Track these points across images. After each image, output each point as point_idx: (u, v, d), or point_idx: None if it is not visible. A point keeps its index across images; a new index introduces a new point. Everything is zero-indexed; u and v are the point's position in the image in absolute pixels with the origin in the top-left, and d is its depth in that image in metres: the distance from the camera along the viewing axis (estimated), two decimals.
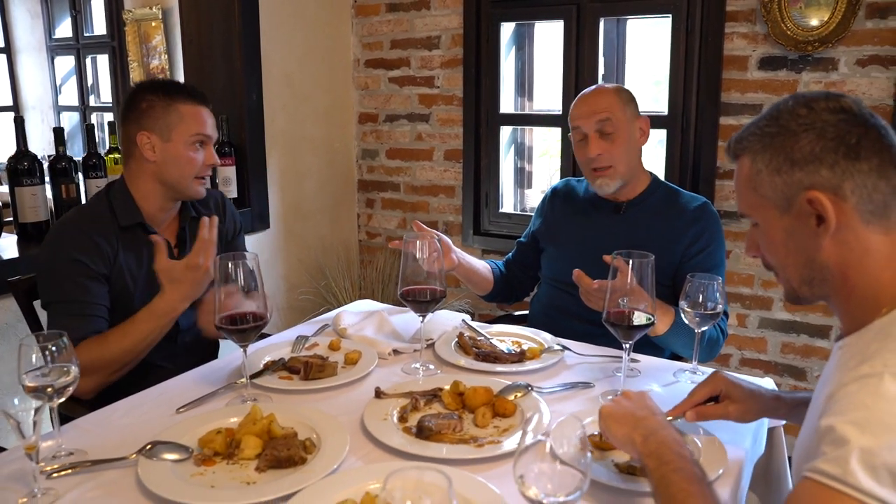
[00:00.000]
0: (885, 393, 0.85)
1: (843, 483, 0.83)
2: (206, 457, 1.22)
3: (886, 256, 0.98)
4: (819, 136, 0.98)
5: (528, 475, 0.92)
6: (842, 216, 0.97)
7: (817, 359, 2.73)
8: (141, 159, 1.75)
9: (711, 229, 1.94)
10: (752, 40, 2.63)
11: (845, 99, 1.00)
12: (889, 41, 2.42)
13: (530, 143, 3.50)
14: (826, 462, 0.85)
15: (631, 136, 1.94)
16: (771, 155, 1.02)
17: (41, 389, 1.18)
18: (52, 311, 1.65)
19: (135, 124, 1.74)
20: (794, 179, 1.00)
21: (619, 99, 1.92)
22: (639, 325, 1.46)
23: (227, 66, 2.83)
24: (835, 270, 1.00)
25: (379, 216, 3.67)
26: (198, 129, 1.76)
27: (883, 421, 0.84)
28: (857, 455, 0.83)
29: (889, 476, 0.82)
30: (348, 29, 3.48)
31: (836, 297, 1.04)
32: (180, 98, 1.74)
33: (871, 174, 0.97)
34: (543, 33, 3.30)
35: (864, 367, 0.90)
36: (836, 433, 0.86)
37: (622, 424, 1.13)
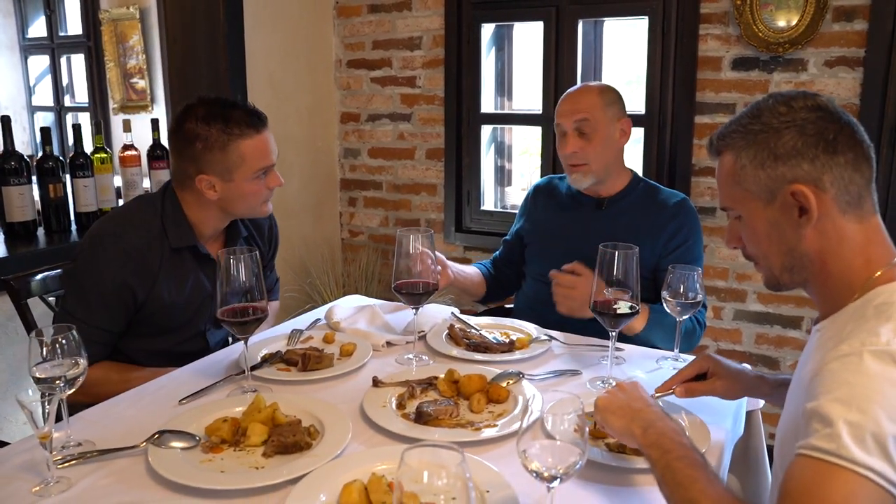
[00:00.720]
0: (865, 370, 0.91)
1: (838, 456, 0.87)
2: (213, 444, 1.26)
3: (859, 244, 1.05)
4: (800, 132, 1.05)
5: (529, 450, 0.98)
6: (822, 207, 1.04)
7: (790, 349, 2.84)
8: (200, 193, 1.69)
9: (690, 224, 2.02)
10: (725, 42, 2.72)
11: (820, 97, 1.08)
12: (855, 43, 2.52)
13: (510, 142, 3.57)
14: (819, 439, 0.90)
15: (609, 136, 2.00)
16: (755, 151, 1.08)
17: (50, 381, 1.22)
18: (69, 321, 1.62)
19: (191, 165, 1.66)
20: (778, 173, 1.07)
21: (601, 100, 1.99)
22: (623, 313, 1.53)
23: (211, 66, 2.85)
24: (814, 258, 1.07)
25: (361, 214, 3.71)
26: (260, 164, 1.69)
27: (866, 396, 0.90)
28: (846, 429, 0.88)
29: (876, 445, 0.87)
30: (330, 30, 3.52)
31: (814, 282, 1.11)
32: (238, 132, 1.64)
33: (847, 167, 1.04)
34: (522, 34, 3.37)
35: (843, 346, 0.96)
36: (824, 411, 0.91)
37: (620, 417, 1.16)
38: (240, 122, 1.66)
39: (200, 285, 1.79)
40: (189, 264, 1.75)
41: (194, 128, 1.65)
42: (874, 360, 0.91)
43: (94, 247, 1.66)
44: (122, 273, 1.64)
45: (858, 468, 0.86)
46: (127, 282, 1.65)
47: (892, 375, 0.90)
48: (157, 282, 1.69)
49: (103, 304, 1.65)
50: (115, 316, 1.67)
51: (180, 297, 1.74)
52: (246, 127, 1.67)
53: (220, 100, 1.71)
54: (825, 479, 0.88)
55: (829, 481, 0.87)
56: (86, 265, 1.66)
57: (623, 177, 2.10)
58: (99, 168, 2.55)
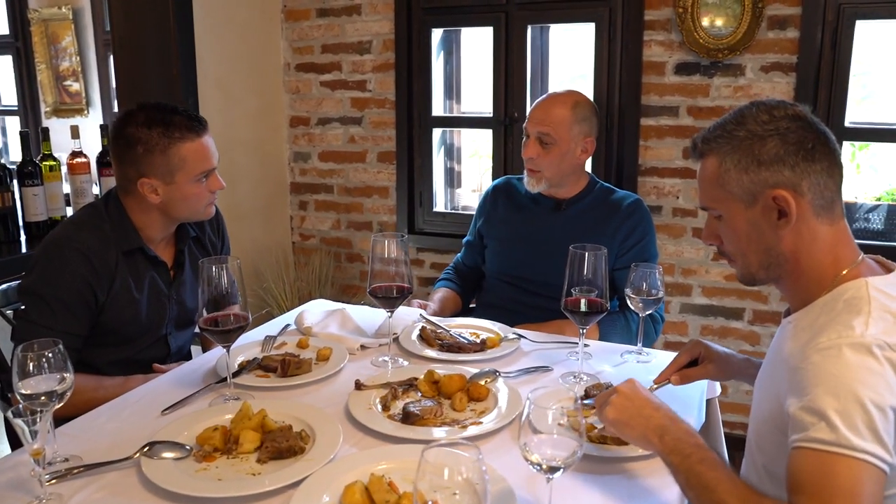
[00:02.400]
0: (846, 362, 1.01)
1: (839, 446, 0.96)
2: (206, 453, 1.26)
3: (830, 244, 1.15)
4: (782, 140, 1.13)
5: (529, 443, 1.03)
6: (800, 210, 1.13)
7: (733, 339, 2.99)
8: (142, 197, 1.70)
9: (644, 224, 2.12)
10: (668, 47, 2.85)
11: (798, 107, 1.17)
12: (788, 50, 2.68)
13: (459, 145, 3.63)
14: (818, 431, 0.98)
15: (569, 151, 2.06)
16: (740, 156, 1.16)
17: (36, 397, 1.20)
18: (30, 330, 1.59)
19: (132, 168, 1.67)
20: (761, 178, 1.14)
21: (571, 116, 2.04)
22: (593, 311, 1.61)
23: (162, 70, 2.81)
24: (789, 257, 1.16)
25: (312, 218, 3.70)
26: (202, 167, 1.71)
27: (851, 386, 0.99)
28: (840, 419, 0.97)
29: (868, 431, 0.96)
30: (278, 33, 3.50)
31: (787, 278, 1.20)
32: (179, 135, 1.66)
33: (822, 174, 1.13)
34: (470, 39, 3.44)
35: (821, 339, 1.05)
36: (816, 405, 1.00)
37: (634, 427, 1.17)
38: (180, 126, 1.68)
39: (156, 285, 1.80)
40: (142, 265, 1.76)
41: (135, 132, 1.66)
42: (852, 351, 1.01)
43: (49, 254, 1.66)
44: (81, 274, 1.64)
45: (858, 454, 0.95)
46: (88, 282, 1.65)
47: (870, 364, 0.99)
48: (115, 280, 1.70)
49: (66, 309, 1.63)
50: (80, 319, 1.66)
51: (140, 295, 1.75)
52: (186, 131, 1.69)
53: (161, 105, 1.73)
54: (831, 468, 0.96)
55: (835, 470, 0.96)
56: (44, 273, 1.64)
57: (581, 181, 2.18)
58: (48, 176, 2.48)
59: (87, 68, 4.74)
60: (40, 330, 1.60)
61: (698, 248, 2.99)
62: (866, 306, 1.07)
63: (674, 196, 2.98)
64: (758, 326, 2.95)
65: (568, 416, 1.05)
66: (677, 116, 2.90)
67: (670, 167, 2.96)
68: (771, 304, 2.92)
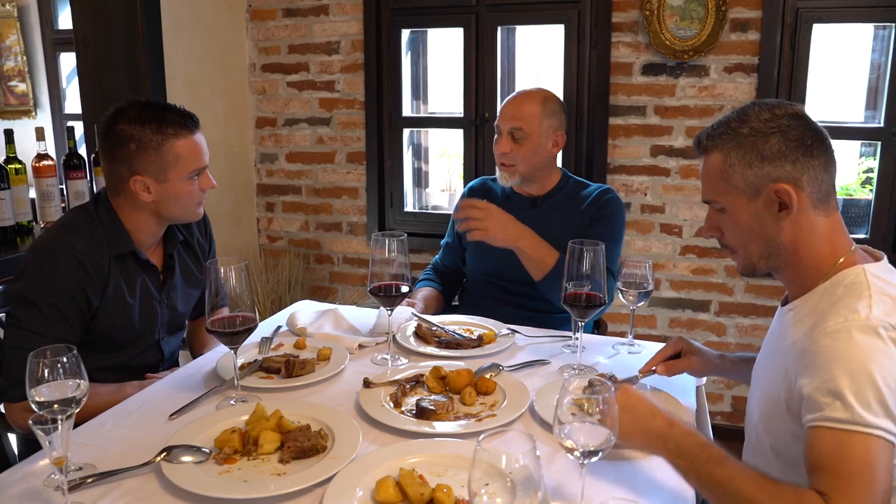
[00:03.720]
0: (856, 343, 1.07)
1: (854, 423, 1.03)
2: (226, 455, 1.25)
3: (826, 234, 1.22)
4: (784, 137, 1.20)
5: (564, 430, 1.06)
6: (800, 203, 1.20)
7: (700, 330, 3.10)
8: (133, 196, 1.66)
9: (611, 205, 2.14)
10: (635, 49, 2.93)
11: (795, 106, 1.23)
12: (750, 51, 2.80)
13: (426, 145, 3.65)
14: (833, 410, 1.05)
15: (541, 145, 2.11)
16: (744, 151, 1.22)
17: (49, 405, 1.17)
18: (23, 337, 1.56)
19: (124, 166, 1.64)
20: (764, 172, 1.21)
21: (541, 111, 2.09)
22: (592, 305, 1.65)
23: (130, 70, 2.74)
24: (789, 247, 1.23)
25: (280, 219, 3.66)
26: (195, 165, 1.68)
27: (862, 366, 1.05)
28: (855, 399, 1.04)
29: (881, 407, 1.03)
30: (243, 33, 3.45)
31: (787, 268, 1.26)
32: (172, 132, 1.63)
33: (819, 169, 1.20)
34: (436, 39, 3.46)
35: (829, 323, 1.11)
36: (831, 385, 1.06)
37: (635, 439, 1.19)
38: (173, 123, 1.65)
39: (148, 290, 1.77)
40: (133, 269, 1.73)
41: (127, 129, 1.63)
42: (861, 333, 1.07)
43: (41, 259, 1.60)
44: (75, 279, 1.60)
45: (871, 430, 1.02)
46: (82, 287, 1.61)
47: (877, 345, 1.06)
48: (109, 285, 1.66)
49: (59, 315, 1.59)
50: (73, 325, 1.62)
51: (133, 300, 1.72)
52: (180, 128, 1.66)
53: (152, 102, 1.71)
54: (847, 444, 1.03)
55: (851, 445, 1.03)
56: (36, 278, 1.59)
57: (553, 176, 2.23)
58: (14, 178, 2.39)
59: (35, 68, 4.56)
60: (33, 337, 1.55)
61: (666, 243, 3.08)
62: (867, 290, 1.14)
63: (642, 193, 3.06)
64: (723, 318, 3.07)
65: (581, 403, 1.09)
66: (644, 116, 2.99)
67: (638, 165, 3.04)
68: (736, 296, 3.04)
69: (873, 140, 2.84)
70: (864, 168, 3.09)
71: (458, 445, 1.29)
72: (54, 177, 2.59)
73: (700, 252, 3.04)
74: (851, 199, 3.05)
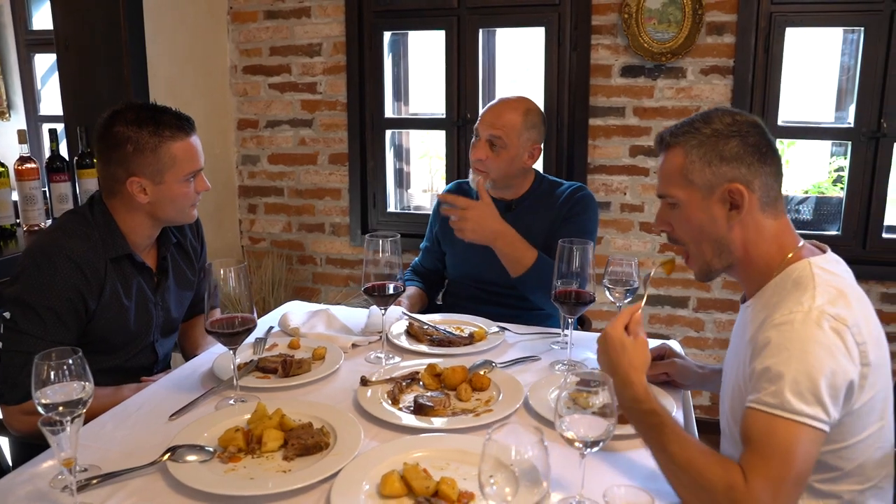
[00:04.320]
0: (799, 335, 1.15)
1: (781, 409, 1.12)
2: (231, 454, 1.27)
3: (774, 234, 1.31)
4: (743, 141, 1.28)
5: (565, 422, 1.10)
6: (750, 204, 1.28)
7: (679, 326, 3.17)
8: (129, 198, 1.67)
9: (584, 202, 2.18)
10: (614, 51, 2.99)
11: (755, 116, 1.32)
12: (725, 54, 2.87)
13: (407, 146, 3.68)
14: (767, 395, 1.14)
15: (517, 155, 2.13)
16: (705, 150, 1.30)
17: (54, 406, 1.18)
18: (20, 340, 1.57)
19: (121, 168, 1.65)
20: (721, 172, 1.29)
21: (522, 122, 2.10)
22: (582, 301, 1.70)
23: (113, 73, 2.73)
24: (738, 245, 1.31)
25: (262, 221, 3.67)
26: (192, 167, 1.69)
27: (801, 357, 1.14)
28: (788, 386, 1.12)
29: (812, 396, 1.12)
30: (224, 35, 3.45)
31: (739, 266, 1.34)
32: (169, 134, 1.65)
33: (770, 175, 1.29)
34: (417, 41, 3.49)
35: (776, 316, 1.19)
36: (771, 372, 1.14)
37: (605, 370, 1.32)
38: (170, 126, 1.67)
39: (143, 292, 1.78)
40: (129, 271, 1.74)
41: (124, 130, 1.64)
42: (802, 325, 1.16)
43: (38, 262, 1.61)
44: (73, 282, 1.61)
45: (797, 416, 1.11)
46: (79, 290, 1.62)
47: (817, 336, 1.15)
48: (105, 288, 1.67)
49: (56, 318, 1.60)
50: (70, 328, 1.63)
51: (129, 303, 1.73)
52: (177, 130, 1.68)
53: (149, 104, 1.72)
54: (773, 428, 1.12)
55: (776, 430, 1.12)
56: (33, 281, 1.59)
57: (527, 181, 2.25)
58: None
59: (8, 70, 4.50)
60: (30, 340, 1.56)
61: (645, 242, 3.15)
62: (811, 282, 1.22)
63: (621, 192, 3.12)
64: (702, 313, 3.14)
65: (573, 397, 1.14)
66: (624, 116, 3.05)
67: (618, 165, 3.10)
68: (713, 292, 3.11)
69: (844, 140, 2.93)
70: (836, 167, 3.19)
71: (458, 440, 1.32)
72: (37, 179, 2.57)
73: (679, 250, 3.09)
74: (823, 197, 3.14)
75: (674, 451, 1.16)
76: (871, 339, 1.20)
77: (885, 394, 1.26)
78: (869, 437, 1.24)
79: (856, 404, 1.19)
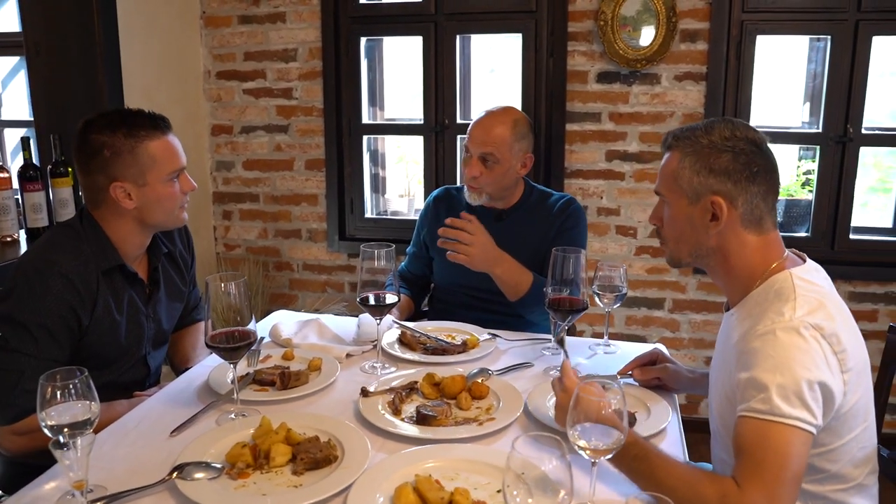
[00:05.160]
0: (780, 343, 1.20)
1: (772, 414, 1.16)
2: (240, 470, 1.27)
3: (757, 249, 1.35)
4: (734, 158, 1.32)
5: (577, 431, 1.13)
6: (730, 219, 1.33)
7: (655, 327, 3.23)
8: (115, 205, 1.65)
9: (575, 217, 2.22)
10: (590, 57, 3.04)
11: (758, 134, 1.35)
12: (698, 61, 2.94)
13: (382, 151, 3.68)
14: (757, 402, 1.18)
15: (511, 167, 2.15)
16: (697, 159, 1.34)
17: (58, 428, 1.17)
18: (13, 360, 1.53)
19: (102, 175, 1.62)
20: (707, 183, 1.33)
21: (512, 134, 2.12)
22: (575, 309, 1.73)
23: (87, 78, 2.68)
24: (717, 253, 1.36)
25: (237, 227, 3.63)
26: (172, 165, 1.68)
27: (785, 363, 1.19)
28: (775, 392, 1.17)
29: (797, 400, 1.17)
30: (198, 40, 3.41)
31: (720, 272, 1.40)
32: (144, 133, 1.62)
33: (757, 195, 1.33)
34: (392, 46, 3.50)
35: (759, 327, 1.24)
36: (758, 381, 1.19)
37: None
38: (144, 126, 1.65)
39: (135, 304, 1.76)
40: (121, 284, 1.72)
41: (98, 137, 1.62)
42: (784, 334, 1.21)
43: (29, 279, 1.57)
44: (65, 299, 1.58)
45: (787, 420, 1.16)
46: (71, 306, 1.59)
47: (799, 343, 1.20)
48: (98, 303, 1.64)
49: (49, 336, 1.57)
50: (63, 345, 1.60)
51: (120, 317, 1.70)
52: (151, 129, 1.65)
53: (120, 109, 1.71)
54: (766, 433, 1.17)
55: (769, 434, 1.16)
56: (24, 299, 1.56)
57: (518, 190, 2.27)
58: None
59: None
60: (23, 359, 1.52)
61: (622, 245, 3.21)
62: (792, 293, 1.27)
63: (598, 196, 3.17)
64: (677, 314, 3.21)
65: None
66: (600, 122, 3.10)
67: (594, 169, 3.15)
68: (688, 293, 3.18)
69: (813, 144, 3.03)
70: (804, 170, 3.29)
71: (466, 450, 1.34)
72: (10, 189, 2.52)
73: (654, 252, 3.17)
74: (793, 200, 3.24)
75: (661, 477, 1.18)
76: (850, 346, 1.25)
77: (867, 396, 1.32)
78: (853, 438, 1.29)
79: (841, 409, 1.24)
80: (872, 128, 2.97)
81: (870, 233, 3.11)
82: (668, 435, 1.46)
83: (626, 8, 2.91)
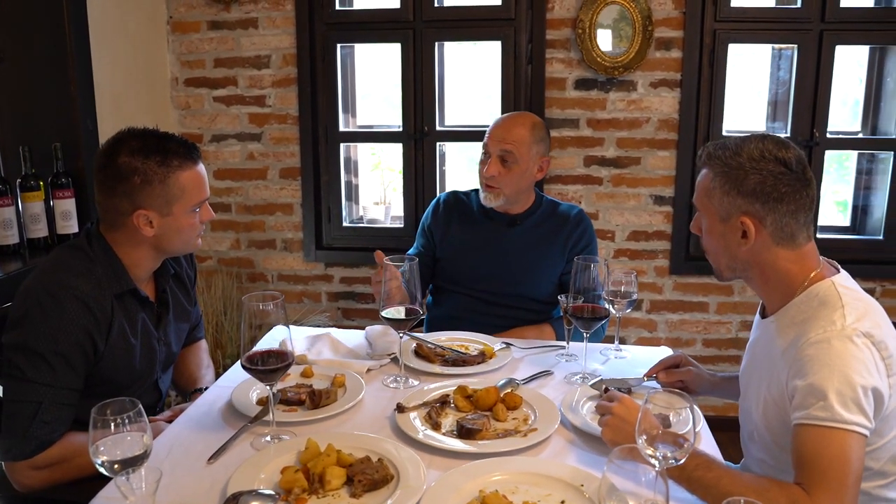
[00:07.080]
0: (835, 351, 1.25)
1: (832, 420, 1.21)
2: (297, 496, 1.24)
3: (792, 260, 1.39)
4: (762, 180, 1.35)
5: (643, 440, 1.15)
6: (759, 237, 1.38)
7: (633, 327, 3.31)
8: (133, 231, 1.58)
9: (589, 232, 2.30)
10: (568, 65, 3.09)
11: (791, 151, 1.35)
12: (673, 68, 3.03)
13: (355, 158, 3.64)
14: (816, 410, 1.23)
15: (528, 169, 2.18)
16: (726, 180, 1.39)
17: (110, 465, 1.12)
18: (30, 390, 1.46)
19: (126, 200, 1.56)
20: (736, 203, 1.38)
21: (531, 136, 2.16)
22: (597, 317, 1.76)
23: (58, 87, 2.56)
24: (753, 266, 1.42)
25: (209, 238, 3.53)
26: (199, 196, 1.63)
27: (842, 371, 1.24)
28: (835, 399, 1.22)
29: (855, 406, 1.22)
30: (164, 46, 3.30)
31: (758, 282, 1.45)
32: (177, 163, 1.57)
33: (787, 215, 1.36)
34: (364, 53, 3.46)
35: (810, 335, 1.28)
36: (816, 388, 1.24)
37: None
38: (178, 154, 1.60)
39: (147, 328, 1.70)
40: (133, 307, 1.65)
41: (130, 161, 1.55)
42: (838, 341, 1.26)
43: (43, 305, 1.49)
44: (82, 324, 1.51)
45: (847, 426, 1.21)
46: (88, 332, 1.52)
47: (853, 351, 1.25)
48: (113, 327, 1.58)
49: (66, 364, 1.49)
50: (79, 372, 1.53)
51: (135, 340, 1.64)
52: (184, 159, 1.61)
53: (153, 132, 1.64)
54: (828, 440, 1.21)
55: (832, 441, 1.21)
56: (39, 326, 1.48)
57: (531, 197, 2.31)
58: None
59: None
60: (40, 389, 1.45)
61: (600, 248, 3.24)
62: (839, 301, 1.32)
63: (577, 201, 3.22)
64: (654, 315, 3.29)
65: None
66: (578, 128, 3.15)
67: (573, 174, 3.20)
68: (665, 294, 3.27)
69: None
70: None
71: (518, 462, 1.35)
72: None
73: (632, 255, 3.25)
74: None
75: (726, 485, 1.20)
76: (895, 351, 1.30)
77: None
78: (895, 437, 1.35)
79: (886, 410, 1.29)
80: (836, 132, 3.12)
81: (829, 231, 3.27)
82: (702, 438, 1.50)
83: (603, 16, 2.96)
